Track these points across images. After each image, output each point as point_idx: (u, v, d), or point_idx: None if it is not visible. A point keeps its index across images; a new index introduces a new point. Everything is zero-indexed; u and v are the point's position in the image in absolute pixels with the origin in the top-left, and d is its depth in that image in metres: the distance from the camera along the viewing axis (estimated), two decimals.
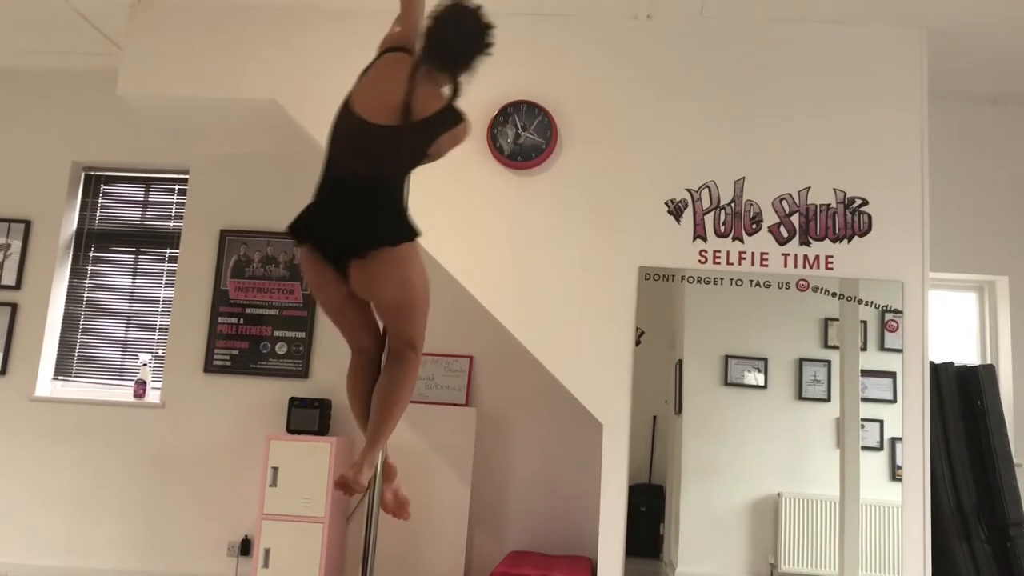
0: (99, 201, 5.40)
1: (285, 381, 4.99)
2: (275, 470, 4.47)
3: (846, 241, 4.00)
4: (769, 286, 4.00)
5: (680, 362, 4.07)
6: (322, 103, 2.96)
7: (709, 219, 4.05)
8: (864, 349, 3.98)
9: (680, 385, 4.05)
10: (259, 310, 5.07)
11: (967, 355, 4.90)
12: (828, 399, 4.00)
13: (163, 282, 5.27)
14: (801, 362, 4.05)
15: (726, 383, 4.06)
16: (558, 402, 4.55)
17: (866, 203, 4.01)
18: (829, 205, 4.02)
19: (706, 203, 4.07)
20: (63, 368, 5.23)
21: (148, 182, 5.40)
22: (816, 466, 3.99)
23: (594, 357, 3.98)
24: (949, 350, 4.78)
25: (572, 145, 4.15)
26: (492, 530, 4.78)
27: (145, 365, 5.12)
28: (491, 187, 4.14)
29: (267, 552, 4.39)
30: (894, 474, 3.88)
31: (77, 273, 5.31)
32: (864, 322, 3.98)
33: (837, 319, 4.02)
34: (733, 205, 4.06)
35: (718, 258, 4.02)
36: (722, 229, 4.04)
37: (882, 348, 3.96)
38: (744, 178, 4.07)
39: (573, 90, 4.19)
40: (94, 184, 5.41)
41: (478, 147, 4.15)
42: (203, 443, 4.96)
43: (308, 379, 5.00)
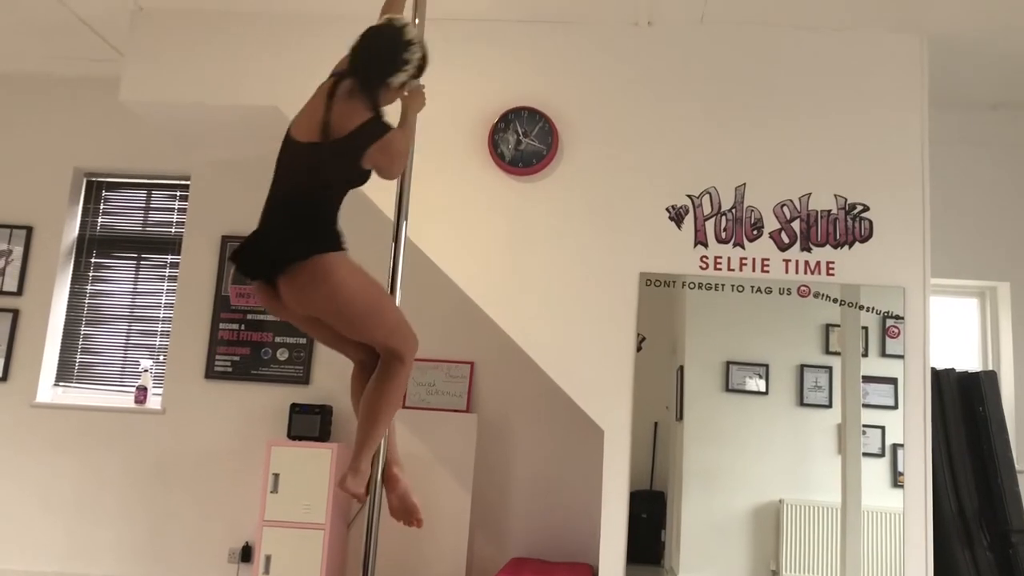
0: (100, 207, 5.40)
1: (286, 387, 4.99)
2: (276, 476, 4.47)
3: (847, 247, 3.99)
4: (770, 292, 3.99)
5: (681, 368, 4.07)
6: None
7: (710, 225, 4.05)
8: (865, 355, 3.98)
9: (681, 391, 4.04)
10: (260, 316, 5.07)
11: (968, 361, 4.89)
12: (829, 405, 3.99)
13: (164, 288, 5.28)
14: (802, 368, 4.04)
15: (727, 389, 4.06)
16: (559, 408, 4.55)
17: (867, 209, 4.01)
18: (830, 211, 4.02)
19: (707, 209, 4.07)
20: (64, 374, 5.23)
21: (150, 188, 5.41)
22: (818, 472, 3.98)
23: (595, 363, 3.98)
24: (950, 356, 4.78)
25: (573, 151, 4.15)
26: (493, 536, 4.78)
27: (146, 371, 5.11)
28: (492, 193, 4.15)
29: (268, 559, 4.38)
30: (896, 480, 3.87)
31: (78, 279, 5.31)
32: (865, 328, 3.98)
33: (838, 325, 4.01)
34: (734, 211, 4.06)
35: (719, 264, 4.02)
36: (723, 235, 4.05)
37: (883, 354, 3.96)
38: (745, 184, 4.07)
39: (574, 97, 4.19)
40: (96, 190, 5.41)
41: (479, 153, 4.16)
42: (204, 449, 4.96)
43: (309, 385, 4.99)
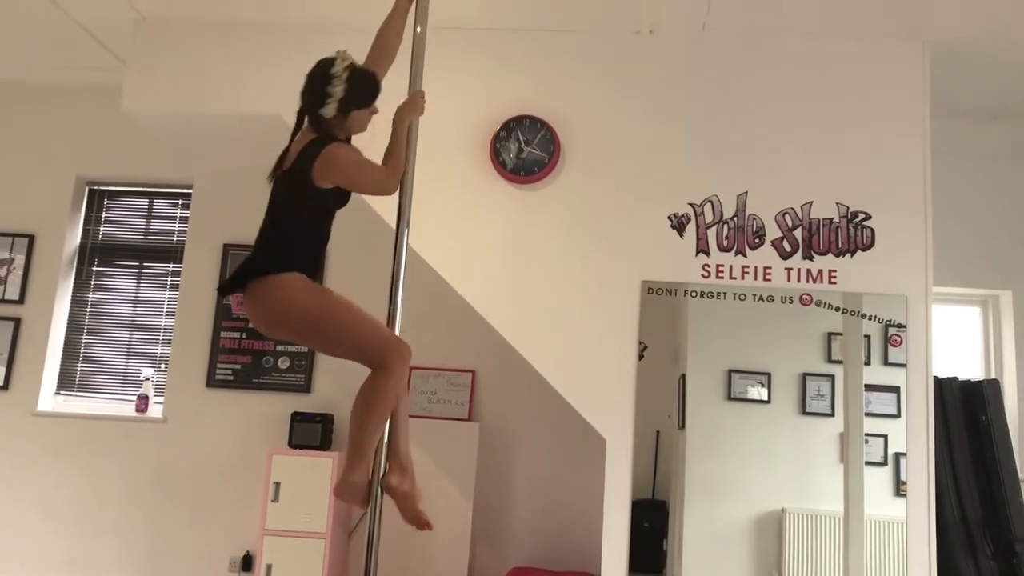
0: (103, 216, 5.41)
1: (287, 396, 4.98)
2: (277, 485, 4.46)
3: (849, 255, 3.99)
4: (772, 300, 3.99)
5: (683, 376, 4.06)
6: None
7: (712, 233, 4.05)
8: (868, 364, 3.97)
9: (683, 400, 4.03)
10: None
11: (971, 370, 4.88)
12: (832, 414, 3.98)
13: (166, 296, 5.28)
14: (804, 377, 4.04)
15: (729, 398, 4.05)
16: (561, 417, 4.53)
17: (869, 217, 4.00)
18: (832, 219, 4.02)
19: (709, 217, 4.07)
20: (66, 383, 5.23)
21: (152, 197, 5.42)
22: (820, 481, 3.97)
23: (597, 371, 3.97)
24: (953, 365, 4.77)
25: (575, 159, 4.16)
26: (495, 545, 4.76)
27: (147, 380, 5.11)
28: (494, 201, 4.15)
29: (269, 568, 4.37)
30: (898, 489, 3.86)
31: (80, 287, 5.32)
32: (868, 336, 3.97)
33: (840, 333, 4.01)
34: (736, 219, 4.06)
35: (721, 272, 4.02)
36: (725, 243, 4.04)
37: (886, 363, 3.95)
38: (747, 192, 4.07)
39: (576, 105, 4.19)
40: (98, 199, 5.42)
41: (481, 162, 4.16)
42: (205, 458, 4.95)
43: (310, 394, 4.99)
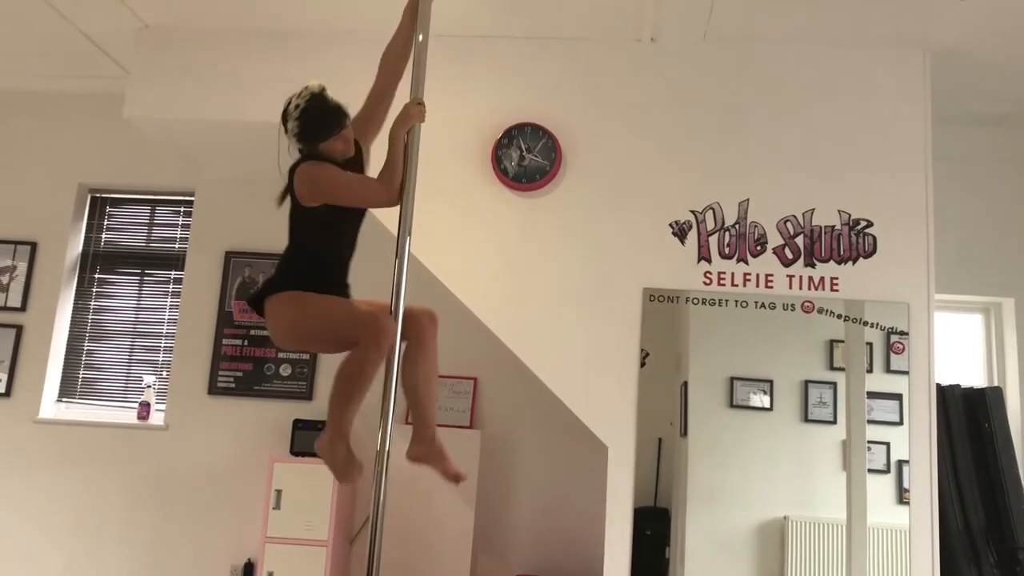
0: (105, 223, 5.42)
1: (289, 403, 4.98)
2: (278, 493, 4.46)
3: (851, 263, 3.99)
4: (774, 308, 3.98)
5: (685, 384, 4.06)
6: None
7: (713, 241, 4.05)
8: (870, 371, 3.96)
9: (685, 407, 4.03)
10: (263, 332, 5.05)
11: (974, 377, 4.87)
12: (834, 421, 3.97)
13: (167, 304, 5.28)
14: (807, 384, 4.03)
15: (731, 405, 4.04)
16: (563, 424, 4.52)
17: (871, 224, 4.00)
18: (834, 227, 4.02)
19: (710, 225, 4.06)
20: (67, 390, 5.23)
21: (154, 204, 5.43)
22: (823, 489, 3.95)
23: (599, 379, 3.96)
24: (956, 372, 4.75)
25: (576, 167, 4.16)
26: (496, 554, 4.75)
27: (149, 387, 5.11)
28: (496, 209, 4.15)
29: None
30: (901, 497, 3.84)
31: (82, 295, 5.32)
32: (870, 344, 3.96)
33: (843, 341, 4.00)
34: (737, 227, 4.05)
35: (723, 280, 4.01)
36: (727, 251, 4.04)
37: (888, 370, 3.94)
38: (748, 200, 4.07)
39: (577, 112, 4.19)
40: (100, 206, 5.43)
41: (483, 169, 4.16)
42: (206, 465, 4.95)
43: (312, 401, 4.98)
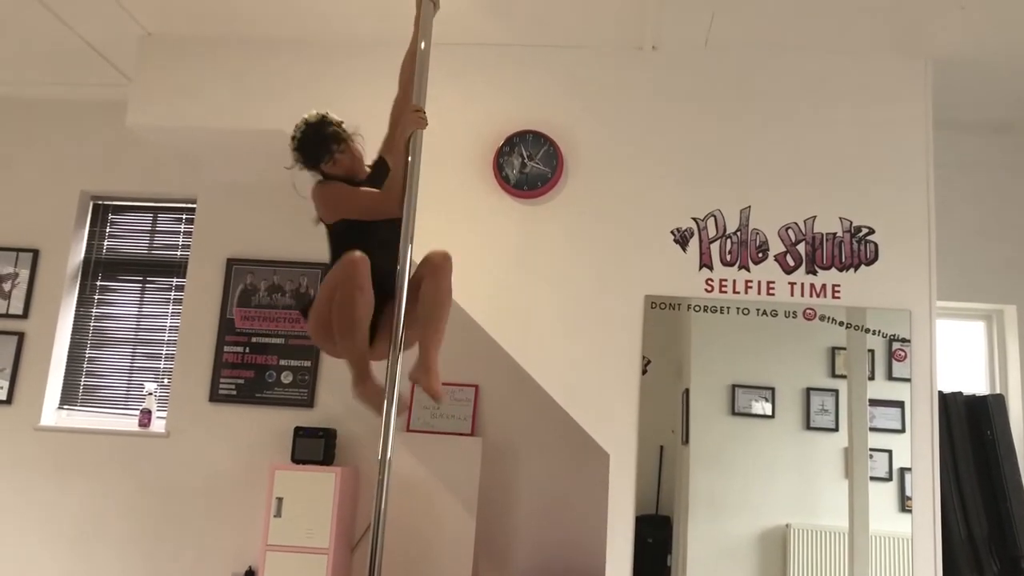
0: (107, 230, 5.42)
1: (290, 410, 4.98)
2: (279, 500, 4.45)
3: (853, 270, 3.99)
4: (776, 315, 3.98)
5: (687, 391, 4.05)
6: None
7: (715, 248, 4.05)
8: (872, 378, 3.96)
9: (687, 415, 4.02)
10: (265, 339, 5.08)
11: (976, 384, 4.86)
12: (836, 429, 3.97)
13: (169, 311, 5.28)
14: (808, 391, 4.02)
15: (733, 412, 4.03)
16: (564, 432, 4.52)
17: (872, 232, 4.01)
18: (835, 234, 4.02)
19: (712, 232, 4.07)
20: (69, 397, 5.23)
21: (156, 211, 5.43)
22: (825, 497, 3.95)
23: (600, 386, 3.96)
24: (958, 379, 4.75)
25: (578, 174, 4.16)
26: (498, 561, 4.74)
27: (150, 394, 5.11)
28: (497, 216, 4.15)
29: None
30: (904, 505, 3.84)
31: (84, 302, 5.32)
32: (872, 351, 3.96)
33: (844, 348, 4.00)
34: (739, 234, 4.06)
35: (724, 287, 4.01)
36: (728, 258, 4.04)
37: (890, 377, 3.93)
38: (750, 207, 4.07)
39: (579, 120, 4.20)
40: (102, 213, 5.43)
41: (484, 176, 4.17)
42: (208, 473, 4.94)
43: (313, 408, 4.98)
